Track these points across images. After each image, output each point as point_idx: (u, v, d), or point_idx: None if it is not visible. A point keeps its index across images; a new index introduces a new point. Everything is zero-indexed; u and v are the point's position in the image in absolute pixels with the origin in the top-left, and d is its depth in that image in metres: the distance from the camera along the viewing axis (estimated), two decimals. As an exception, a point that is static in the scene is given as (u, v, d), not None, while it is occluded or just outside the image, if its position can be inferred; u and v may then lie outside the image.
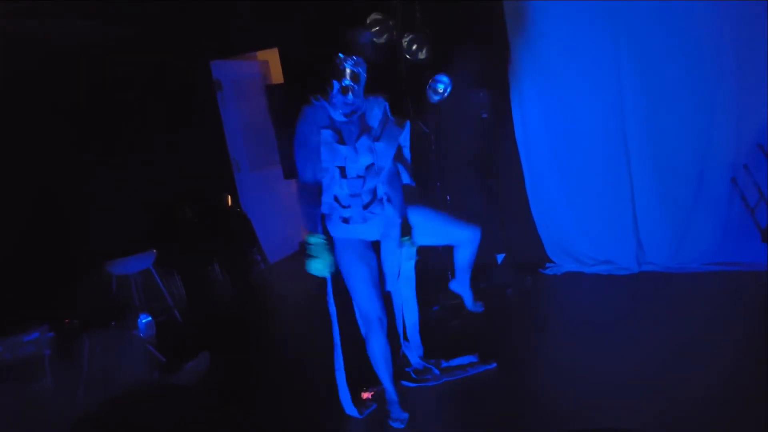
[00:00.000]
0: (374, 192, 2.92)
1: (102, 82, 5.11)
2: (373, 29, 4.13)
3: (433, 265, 4.15)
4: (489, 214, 4.29)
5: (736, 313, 3.67)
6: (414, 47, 4.27)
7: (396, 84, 4.29)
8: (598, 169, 4.56)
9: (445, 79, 4.15)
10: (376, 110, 2.92)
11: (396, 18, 4.16)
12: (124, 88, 5.29)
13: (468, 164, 4.71)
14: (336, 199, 2.90)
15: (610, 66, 4.35)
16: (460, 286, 3.38)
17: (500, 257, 4.84)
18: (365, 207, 2.90)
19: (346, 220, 2.91)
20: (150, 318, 4.18)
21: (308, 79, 5.08)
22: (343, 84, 2.79)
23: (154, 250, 4.83)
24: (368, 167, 2.87)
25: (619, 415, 2.76)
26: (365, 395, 3.27)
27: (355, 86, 2.80)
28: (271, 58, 6.51)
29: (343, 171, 2.85)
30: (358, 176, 2.86)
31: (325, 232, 2.96)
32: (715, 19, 3.99)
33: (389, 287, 3.19)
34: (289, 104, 5.09)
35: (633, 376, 3.09)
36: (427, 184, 4.26)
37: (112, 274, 4.72)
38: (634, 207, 4.52)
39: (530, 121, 4.69)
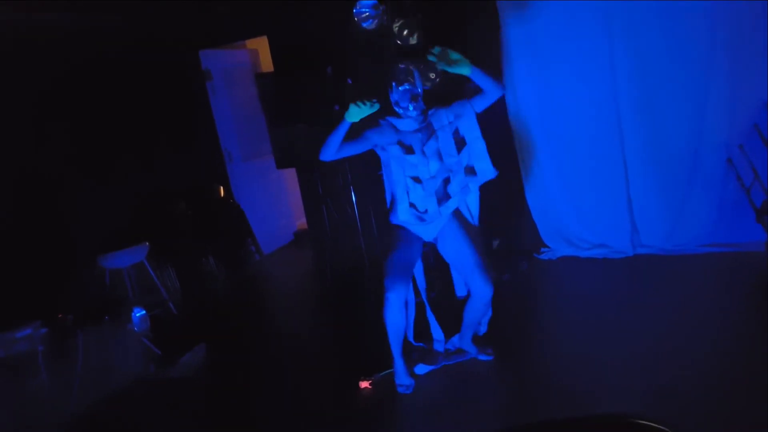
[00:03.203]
0: (446, 190, 3.16)
1: (90, 73, 5.04)
2: (364, 15, 4.08)
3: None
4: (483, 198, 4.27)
5: (732, 293, 3.67)
6: (405, 33, 4.21)
7: (387, 70, 4.24)
8: (592, 152, 4.54)
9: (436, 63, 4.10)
10: (443, 115, 3.14)
11: (387, 3, 4.10)
12: (113, 79, 5.23)
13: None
14: (413, 205, 3.15)
15: (604, 49, 4.31)
16: (465, 342, 3.41)
17: (495, 243, 4.83)
18: (440, 203, 3.14)
19: (422, 219, 3.15)
20: (144, 311, 4.15)
21: (297, 66, 5.06)
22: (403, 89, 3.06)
23: (147, 243, 4.79)
24: (438, 169, 3.12)
25: (615, 398, 2.77)
26: (363, 384, 3.27)
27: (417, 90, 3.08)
28: (260, 47, 6.45)
29: (416, 178, 3.12)
30: (431, 177, 3.11)
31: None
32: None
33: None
34: (279, 92, 5.03)
35: (630, 359, 3.09)
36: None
37: (105, 267, 4.68)
38: (628, 190, 4.51)
39: (523, 105, 4.65)
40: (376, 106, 2.93)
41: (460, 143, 3.17)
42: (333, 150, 3.02)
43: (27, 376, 3.62)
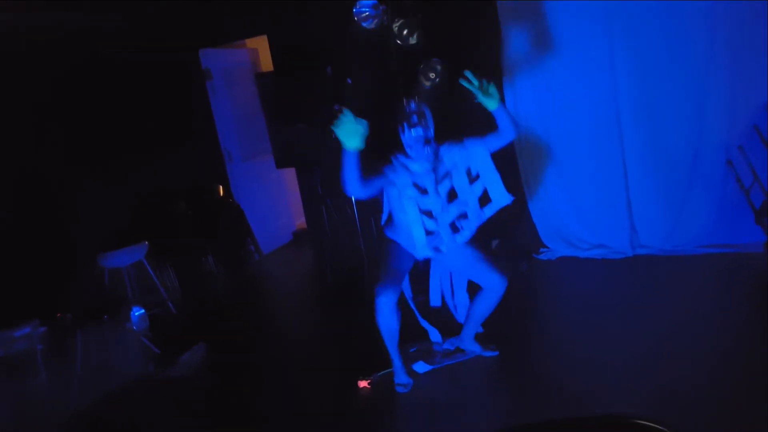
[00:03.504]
0: (460, 220, 3.17)
1: (90, 73, 5.04)
2: (364, 15, 4.08)
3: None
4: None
5: (731, 294, 3.67)
6: (405, 33, 4.21)
7: (387, 70, 4.24)
8: (592, 152, 4.54)
9: (437, 64, 4.10)
10: (456, 153, 3.10)
11: (387, 3, 4.10)
12: (113, 79, 5.22)
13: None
14: (429, 232, 3.13)
15: (604, 49, 4.31)
16: (466, 342, 3.40)
17: (495, 243, 4.83)
18: (454, 233, 3.15)
19: (439, 250, 3.15)
20: (143, 310, 4.15)
21: (297, 66, 5.06)
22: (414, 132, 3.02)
23: (146, 242, 4.79)
24: (452, 203, 3.14)
25: (615, 398, 2.77)
26: (362, 384, 3.26)
27: (425, 130, 3.03)
28: (260, 46, 6.44)
29: (430, 214, 3.11)
30: (444, 210, 3.12)
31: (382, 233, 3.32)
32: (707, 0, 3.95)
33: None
34: (279, 92, 5.03)
35: (629, 359, 3.09)
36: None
37: (104, 267, 4.68)
38: (627, 191, 4.51)
39: (523, 105, 4.66)
40: (365, 123, 2.75)
41: (474, 177, 3.15)
42: (355, 185, 2.86)
43: (26, 375, 3.62)
